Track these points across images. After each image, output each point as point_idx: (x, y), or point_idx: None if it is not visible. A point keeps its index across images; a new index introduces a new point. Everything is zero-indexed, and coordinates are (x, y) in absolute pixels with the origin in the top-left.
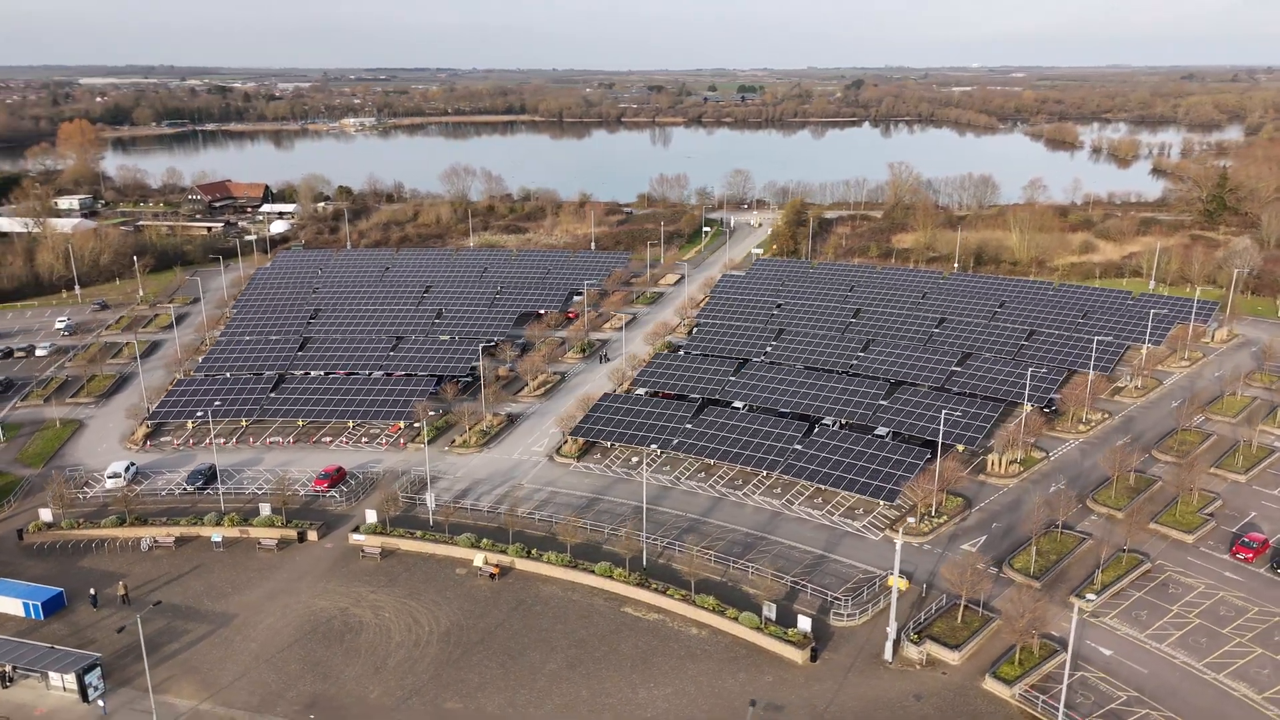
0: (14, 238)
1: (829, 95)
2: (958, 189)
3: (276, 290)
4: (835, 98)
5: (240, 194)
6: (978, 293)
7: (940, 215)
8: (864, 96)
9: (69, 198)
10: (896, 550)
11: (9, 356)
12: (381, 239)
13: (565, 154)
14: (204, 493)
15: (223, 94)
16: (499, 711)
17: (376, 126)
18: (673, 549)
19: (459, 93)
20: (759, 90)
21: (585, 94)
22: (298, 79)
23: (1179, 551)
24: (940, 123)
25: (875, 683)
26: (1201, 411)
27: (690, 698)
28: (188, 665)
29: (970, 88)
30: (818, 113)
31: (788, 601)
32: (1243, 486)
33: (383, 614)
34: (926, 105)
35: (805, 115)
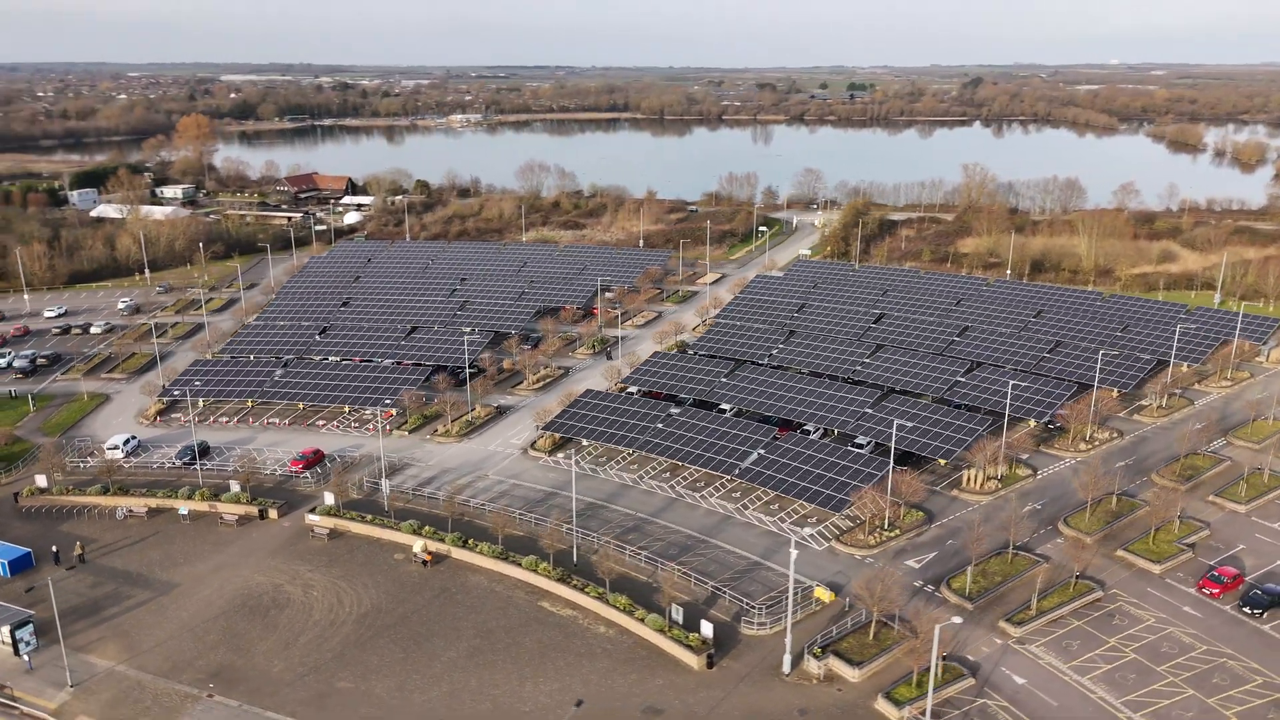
0: (107, 223)
1: (944, 94)
2: (1041, 192)
3: (322, 278)
4: (950, 96)
5: (325, 186)
6: (1016, 301)
7: (1008, 220)
8: (980, 95)
9: (174, 187)
10: (791, 558)
11: (66, 333)
12: (442, 232)
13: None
14: (191, 468)
15: (344, 90)
16: (385, 694)
17: (482, 122)
18: (607, 547)
19: (568, 90)
20: (869, 88)
21: (691, 91)
22: (422, 76)
23: (1140, 582)
24: (1058, 123)
25: (764, 694)
26: (1224, 435)
27: (574, 694)
28: (119, 628)
29: (1098, 86)
30: (926, 111)
31: (706, 606)
32: (1240, 517)
33: (311, 592)
34: (1044, 105)
35: (912, 114)
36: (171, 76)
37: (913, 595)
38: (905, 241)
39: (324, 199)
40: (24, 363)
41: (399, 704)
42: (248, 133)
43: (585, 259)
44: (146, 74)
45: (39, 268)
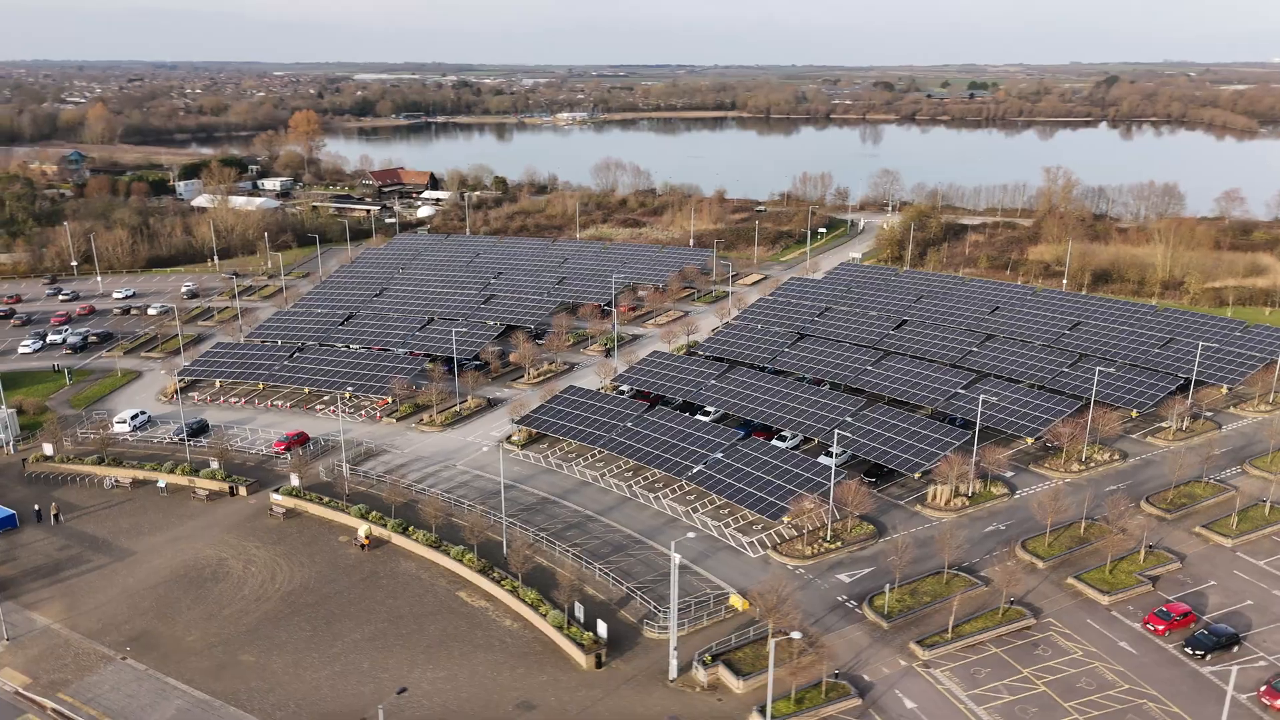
0: (195, 212)
1: (1073, 93)
2: (1135, 198)
3: (369, 269)
4: (1080, 96)
5: (409, 180)
6: (1057, 311)
7: (1082, 226)
8: (1112, 95)
9: (274, 179)
10: (674, 563)
11: (126, 314)
12: (502, 227)
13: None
14: (187, 444)
15: (461, 89)
16: (279, 669)
17: (588, 120)
18: (524, 540)
19: (680, 88)
20: (991, 87)
21: (802, 89)
22: (544, 75)
23: (1083, 612)
24: (1193, 125)
25: (642, 698)
26: (1241, 464)
27: (456, 684)
28: (69, 590)
29: (1247, 86)
30: (1048, 111)
31: (617, 606)
32: (1223, 552)
33: (250, 568)
34: (1179, 106)
35: (1032, 114)
36: (311, 75)
37: (832, 610)
38: (970, 247)
39: (406, 193)
40: (76, 339)
41: (289, 680)
42: (365, 129)
43: (625, 257)
44: (290, 73)
45: (121, 253)
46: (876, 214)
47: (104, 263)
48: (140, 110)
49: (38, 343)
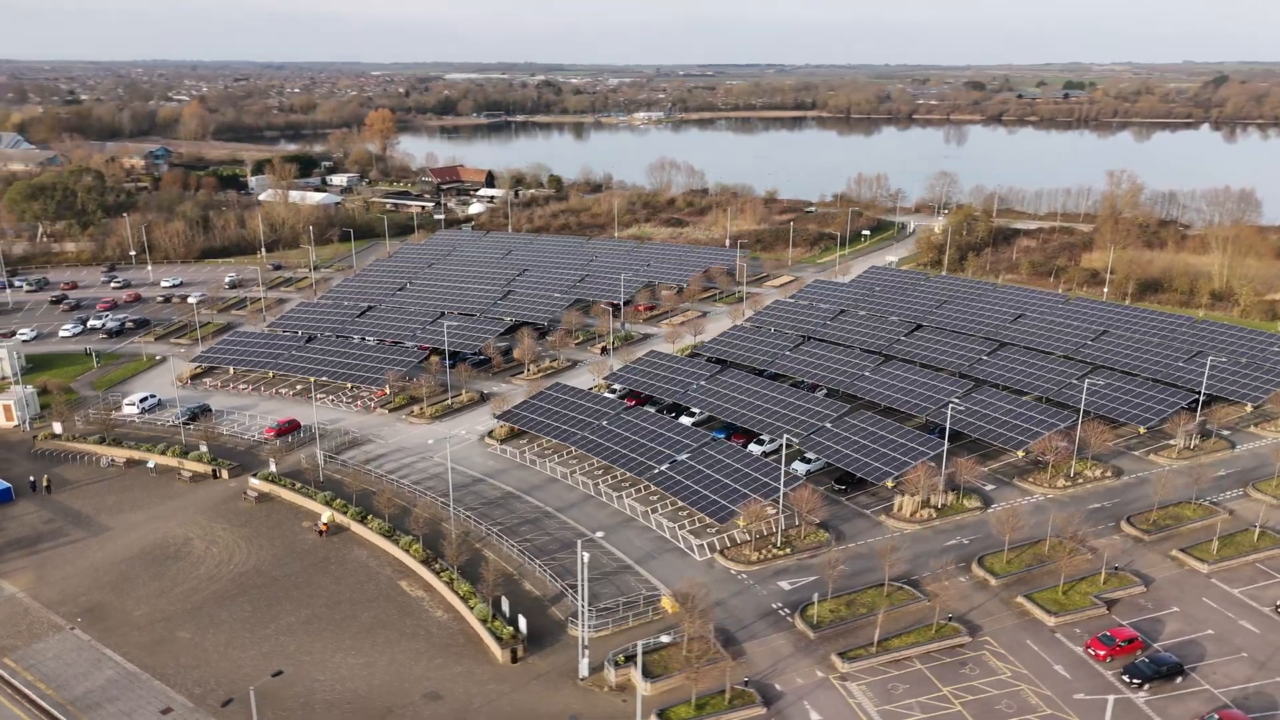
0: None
1: (1179, 93)
2: (1210, 204)
3: (404, 263)
4: (1185, 96)
5: (466, 178)
6: (1084, 320)
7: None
8: (1219, 95)
9: (341, 175)
10: (582, 569)
11: (168, 301)
12: (544, 225)
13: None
14: (188, 427)
15: (543, 88)
16: (211, 647)
17: (665, 120)
18: (490, 536)
19: (762, 88)
20: (1088, 87)
21: (886, 89)
22: (632, 74)
23: (1025, 632)
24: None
25: (547, 695)
26: (1244, 486)
27: (372, 670)
28: (42, 561)
29: None
30: (1146, 112)
31: (550, 603)
32: (1196, 577)
33: (212, 548)
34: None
35: (1128, 115)
36: (405, 75)
37: (763, 617)
38: (1020, 252)
39: (464, 190)
40: (114, 325)
41: (217, 658)
42: (446, 127)
43: (653, 256)
44: (386, 73)
45: (176, 244)
46: (930, 217)
47: (160, 253)
48: (234, 108)
49: (78, 327)
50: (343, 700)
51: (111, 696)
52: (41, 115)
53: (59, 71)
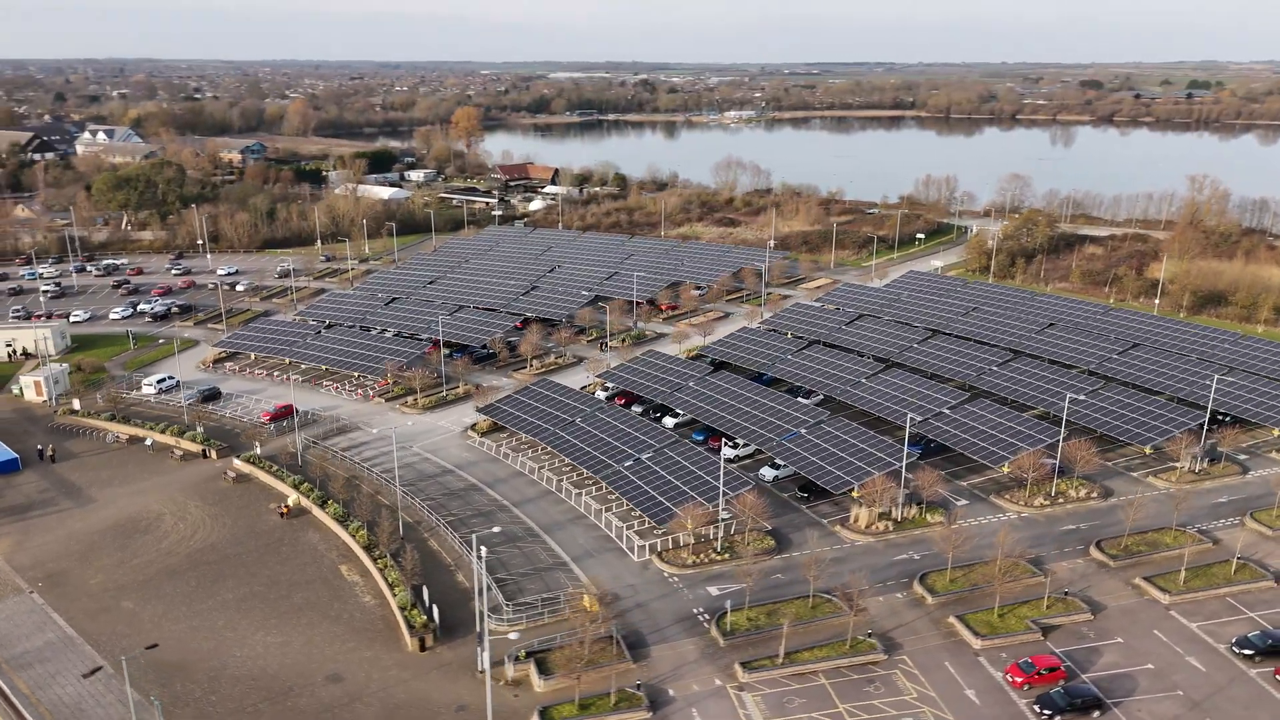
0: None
1: None
2: None
3: (445, 256)
4: None
5: (535, 175)
6: (1117, 332)
7: (1220, 242)
8: None
9: (418, 171)
10: (479, 562)
11: (221, 288)
12: (595, 223)
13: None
14: (195, 408)
15: (642, 87)
16: (147, 618)
17: (756, 119)
18: (438, 527)
19: (862, 86)
20: (1214, 87)
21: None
22: (735, 73)
23: (947, 654)
24: None
25: (445, 685)
26: (1241, 515)
27: (286, 650)
28: (26, 527)
29: None
30: (1270, 114)
31: (457, 598)
32: (1154, 608)
33: (181, 524)
34: None
35: (1253, 116)
36: (513, 74)
37: (680, 621)
38: (1082, 260)
39: (530, 187)
40: (161, 309)
41: (149, 628)
42: (539, 125)
43: (690, 255)
44: (495, 72)
45: (241, 234)
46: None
47: (225, 242)
48: (337, 106)
49: (128, 310)
50: (249, 677)
51: (45, 658)
52: (156, 112)
53: (194, 70)
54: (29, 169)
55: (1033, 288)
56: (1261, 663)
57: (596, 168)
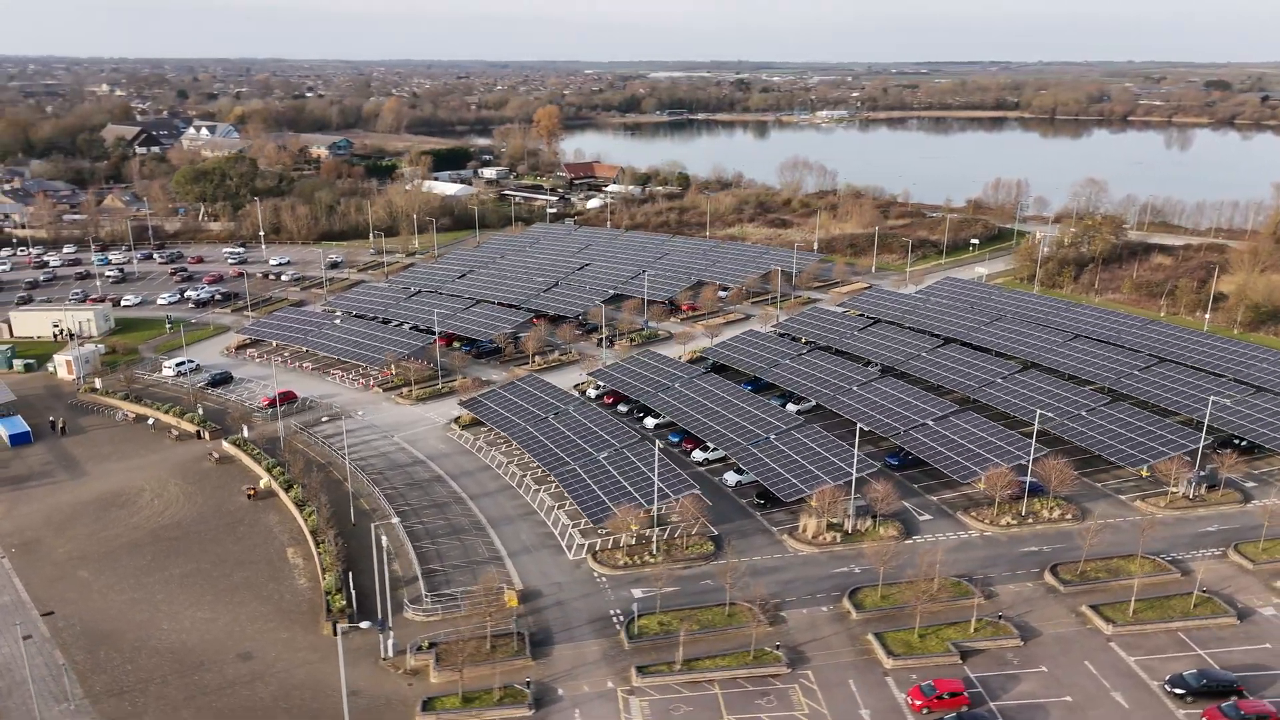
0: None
1: None
2: None
3: (485, 251)
4: None
5: (600, 174)
6: (1145, 347)
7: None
8: None
9: (491, 168)
10: (380, 544)
11: (265, 277)
12: (644, 222)
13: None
14: (206, 390)
15: (738, 86)
16: (98, 588)
17: (848, 119)
18: (389, 517)
19: (966, 86)
20: None
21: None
22: (840, 72)
23: (855, 671)
24: None
25: (347, 670)
26: (1227, 546)
27: (211, 626)
28: (20, 496)
29: None
30: None
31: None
32: (1094, 638)
33: (156, 500)
34: None
35: None
36: (614, 74)
37: (594, 621)
38: (1146, 270)
39: (594, 185)
40: (205, 296)
41: (95, 598)
42: (628, 125)
43: (725, 256)
44: (598, 71)
45: (300, 227)
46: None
47: (286, 234)
48: (433, 104)
49: (175, 296)
50: (168, 649)
51: None
52: (259, 109)
53: (315, 70)
54: (128, 161)
55: (1079, 298)
56: (1193, 704)
57: (663, 166)
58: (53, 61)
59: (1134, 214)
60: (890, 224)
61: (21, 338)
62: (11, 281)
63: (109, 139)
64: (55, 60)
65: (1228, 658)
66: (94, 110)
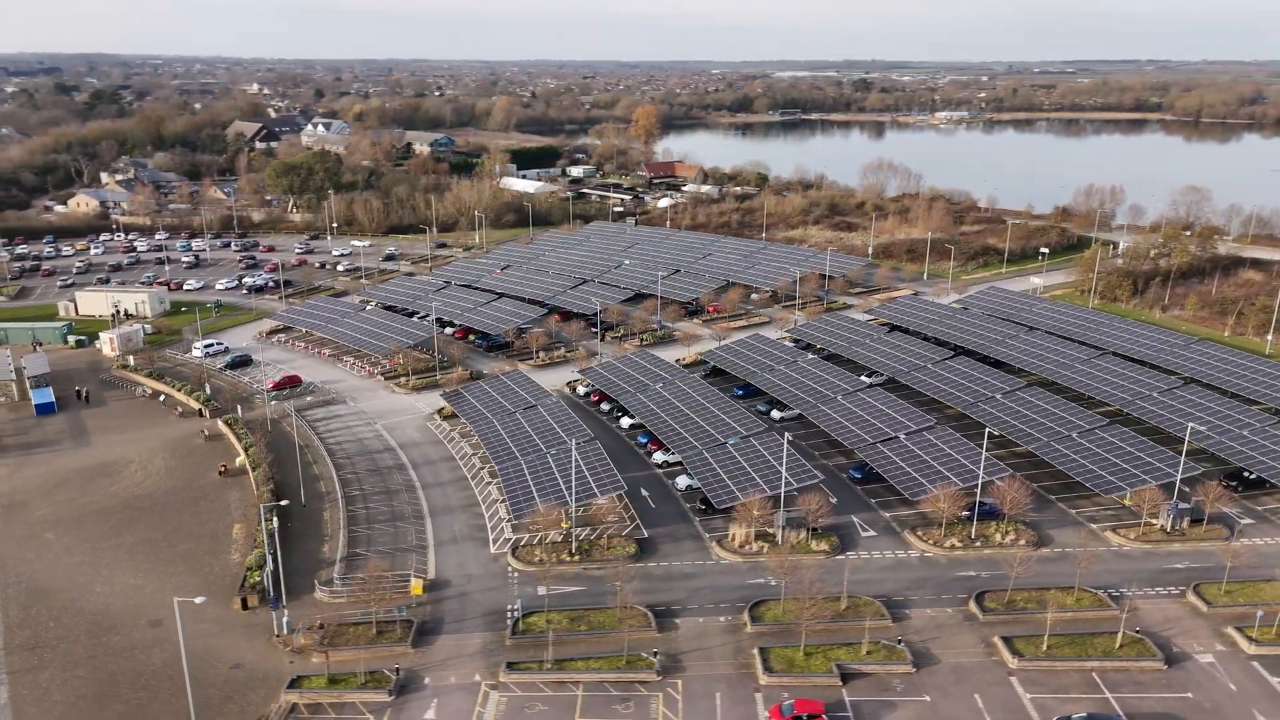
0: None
1: None
2: None
3: (533, 249)
4: None
5: (680, 174)
6: (1176, 368)
7: None
8: None
9: (578, 167)
10: (268, 534)
11: (322, 267)
12: (704, 223)
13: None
14: (223, 372)
15: (858, 86)
16: (57, 549)
17: (970, 120)
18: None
19: (1108, 86)
20: None
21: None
22: (977, 71)
23: (726, 684)
24: None
25: (239, 643)
26: (1188, 585)
27: (136, 594)
28: (25, 461)
29: None
30: None
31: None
32: (994, 671)
33: (140, 472)
34: None
35: None
36: (740, 74)
37: (488, 615)
38: (1230, 287)
39: (673, 185)
40: (260, 283)
41: (49, 558)
42: (739, 124)
43: (767, 258)
44: (725, 70)
45: (369, 220)
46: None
47: (358, 227)
48: (544, 103)
49: (233, 281)
50: (91, 611)
51: None
52: (376, 107)
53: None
54: (239, 155)
55: (1139, 314)
56: None
57: (746, 167)
58: (218, 62)
59: (1236, 225)
60: (963, 229)
61: (85, 316)
62: (99, 264)
63: (230, 135)
64: (220, 61)
65: (1138, 704)
66: (227, 108)
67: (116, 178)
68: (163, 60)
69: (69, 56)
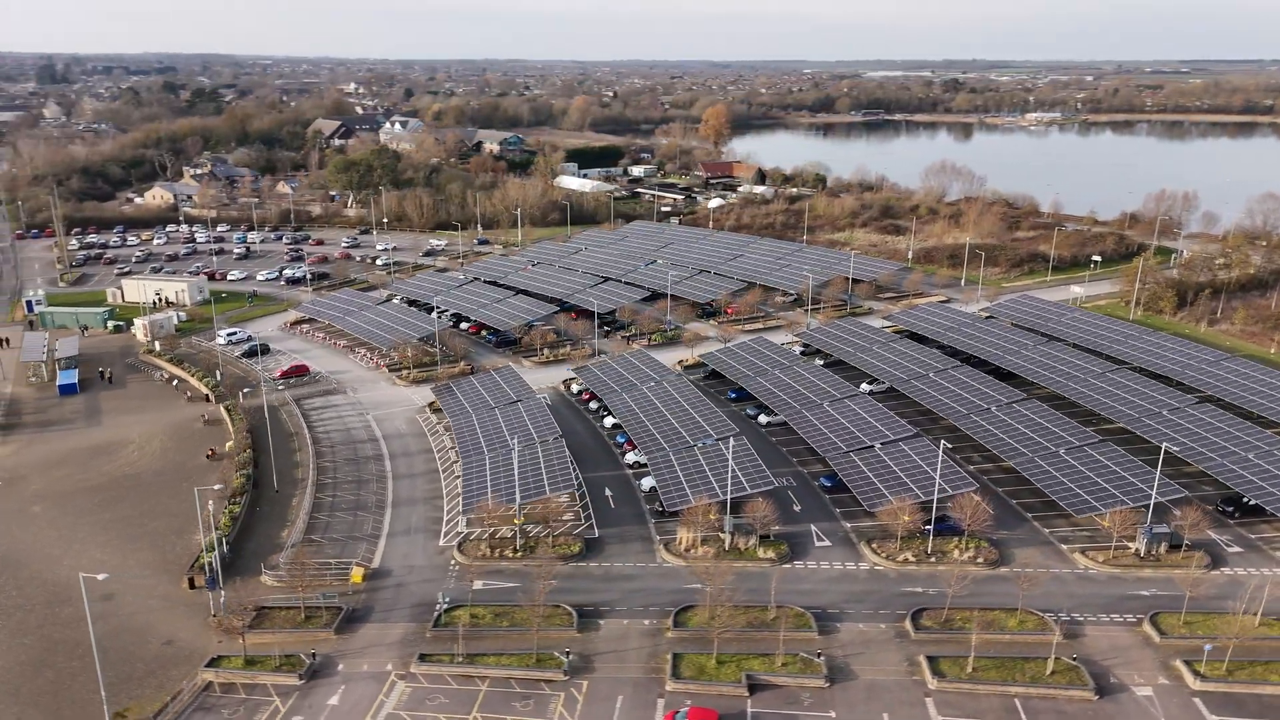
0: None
1: None
2: None
3: (562, 247)
4: None
5: (738, 174)
6: (1209, 384)
7: None
8: None
9: (641, 167)
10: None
11: (363, 261)
12: (749, 223)
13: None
14: (241, 359)
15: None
16: (41, 523)
17: (1063, 121)
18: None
19: (1219, 86)
20: None
21: None
22: (1083, 71)
23: (632, 687)
24: None
25: (178, 620)
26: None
27: (100, 567)
28: (36, 439)
29: None
30: None
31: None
32: (910, 691)
33: (135, 453)
34: None
35: None
36: (830, 73)
37: (418, 606)
38: None
39: (729, 185)
40: (299, 275)
41: (32, 531)
42: (818, 125)
43: (796, 260)
44: (819, 70)
45: (418, 216)
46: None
47: (407, 222)
48: (622, 103)
49: (274, 273)
50: (52, 582)
51: None
52: (455, 105)
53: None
54: (313, 152)
55: (1183, 328)
56: None
57: (805, 167)
58: (324, 62)
59: None
60: (1017, 235)
61: (130, 303)
62: (159, 254)
63: (309, 132)
64: (326, 61)
65: None
66: (312, 106)
67: (194, 172)
68: (272, 60)
69: (187, 57)
